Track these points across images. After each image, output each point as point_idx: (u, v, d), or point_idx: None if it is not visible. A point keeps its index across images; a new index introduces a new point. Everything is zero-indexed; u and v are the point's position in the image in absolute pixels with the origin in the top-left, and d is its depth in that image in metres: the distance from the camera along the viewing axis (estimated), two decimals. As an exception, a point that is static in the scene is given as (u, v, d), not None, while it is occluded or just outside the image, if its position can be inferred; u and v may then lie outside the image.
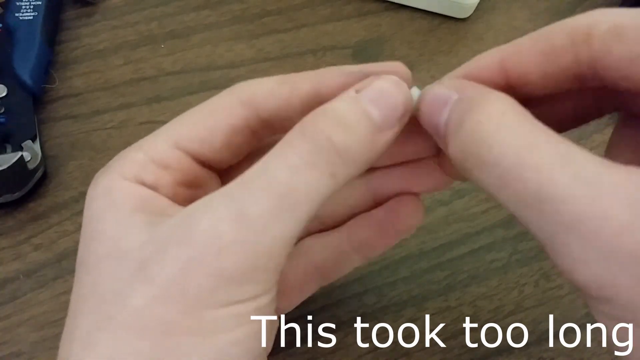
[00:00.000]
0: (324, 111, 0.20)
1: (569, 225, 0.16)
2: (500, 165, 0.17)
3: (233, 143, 0.23)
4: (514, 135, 0.18)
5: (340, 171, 0.19)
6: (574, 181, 0.16)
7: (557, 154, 0.17)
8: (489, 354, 0.31)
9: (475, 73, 0.21)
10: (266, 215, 0.19)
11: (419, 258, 0.33)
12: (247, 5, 0.42)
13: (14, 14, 0.37)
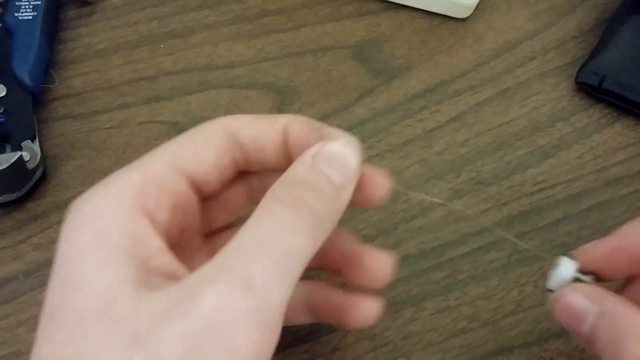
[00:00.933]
0: (294, 181, 0.22)
1: None
2: None
3: (220, 165, 0.24)
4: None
5: (318, 232, 0.21)
6: None
7: None
8: (489, 353, 0.31)
9: (628, 248, 0.24)
10: (271, 281, 0.19)
11: (419, 258, 0.33)
12: (246, 5, 0.42)
13: (14, 14, 0.37)
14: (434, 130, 0.38)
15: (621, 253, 0.24)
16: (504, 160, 0.37)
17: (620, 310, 0.22)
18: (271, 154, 0.24)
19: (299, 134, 0.24)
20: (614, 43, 0.39)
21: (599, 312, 0.23)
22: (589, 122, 0.38)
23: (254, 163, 0.25)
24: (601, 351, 0.22)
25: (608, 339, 0.22)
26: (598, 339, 0.22)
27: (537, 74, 0.40)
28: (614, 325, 0.22)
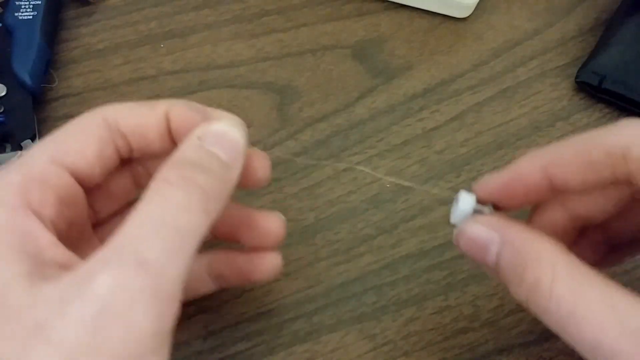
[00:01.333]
0: (181, 160, 0.22)
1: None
2: (558, 314, 0.21)
3: (103, 156, 0.24)
4: (567, 288, 0.21)
5: (210, 207, 0.22)
6: (622, 335, 0.19)
7: (604, 303, 0.20)
8: (489, 353, 0.31)
9: (521, 179, 0.24)
10: (163, 258, 0.20)
11: (419, 257, 0.33)
12: (246, 4, 0.42)
13: (14, 14, 0.37)
14: (434, 130, 0.38)
15: (515, 183, 0.24)
16: (504, 160, 0.37)
17: (521, 237, 0.23)
18: (154, 140, 0.25)
19: (181, 117, 0.24)
20: (613, 43, 0.39)
21: (501, 241, 0.23)
22: (589, 121, 0.38)
23: (138, 150, 0.25)
24: (506, 279, 0.23)
25: (510, 265, 0.23)
26: (502, 267, 0.23)
27: (537, 73, 0.40)
28: (515, 251, 0.23)
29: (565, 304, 0.21)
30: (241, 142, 0.24)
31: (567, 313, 0.21)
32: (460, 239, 0.25)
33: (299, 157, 0.36)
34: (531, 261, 0.22)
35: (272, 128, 0.37)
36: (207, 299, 0.32)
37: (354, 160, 0.36)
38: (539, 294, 0.22)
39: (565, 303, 0.21)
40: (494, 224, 0.24)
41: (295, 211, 0.35)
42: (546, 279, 0.21)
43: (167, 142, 0.25)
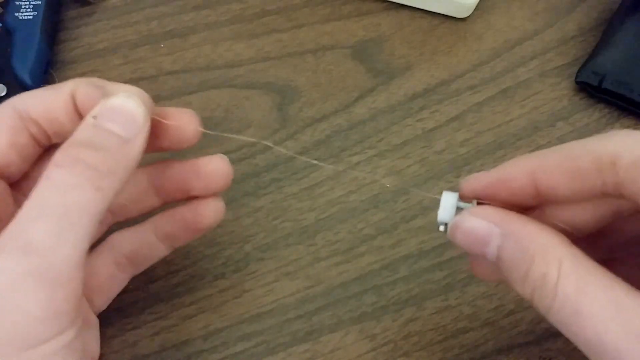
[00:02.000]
0: (72, 143, 0.22)
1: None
2: (563, 312, 0.20)
3: (18, 145, 0.24)
4: (572, 284, 0.20)
5: (104, 184, 0.22)
6: (626, 335, 0.19)
7: (608, 302, 0.20)
8: (489, 353, 0.31)
9: (507, 184, 0.24)
10: (49, 239, 0.20)
11: (419, 257, 0.33)
12: (246, 4, 0.42)
13: (14, 14, 0.37)
14: (434, 130, 0.38)
15: (501, 185, 0.24)
16: (504, 160, 0.36)
17: (525, 229, 0.22)
18: (65, 122, 0.25)
19: (85, 96, 0.24)
20: (614, 43, 0.39)
21: (503, 233, 0.22)
22: (589, 121, 0.38)
23: (54, 134, 0.25)
24: (508, 272, 0.22)
25: (514, 259, 0.22)
26: (504, 260, 0.22)
27: (537, 73, 0.40)
28: (519, 244, 0.22)
29: (570, 302, 0.20)
30: (139, 112, 0.23)
31: (571, 311, 0.20)
32: (457, 232, 0.24)
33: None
34: (537, 256, 0.21)
35: (272, 128, 0.37)
36: (207, 298, 0.32)
37: (354, 160, 0.36)
38: (545, 292, 0.21)
39: (570, 301, 0.20)
40: (493, 215, 0.23)
41: (295, 211, 0.35)
42: (552, 276, 0.21)
43: (77, 123, 0.25)
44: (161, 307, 0.32)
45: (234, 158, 0.36)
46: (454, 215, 0.24)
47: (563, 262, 0.21)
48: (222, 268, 0.33)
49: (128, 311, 0.32)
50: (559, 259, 0.21)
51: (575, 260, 0.21)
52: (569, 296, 0.20)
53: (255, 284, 0.32)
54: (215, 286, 0.32)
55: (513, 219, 0.23)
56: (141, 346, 0.31)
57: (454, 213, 0.25)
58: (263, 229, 0.34)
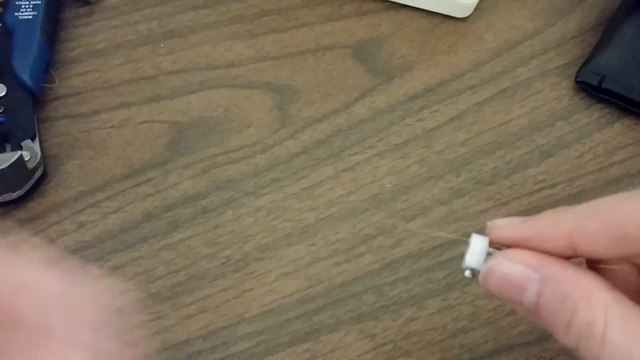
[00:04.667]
0: None
1: None
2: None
3: None
4: (621, 332, 0.19)
5: None
6: None
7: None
8: (489, 353, 0.31)
9: (542, 242, 0.22)
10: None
11: (419, 257, 0.33)
12: (246, 4, 0.42)
13: (14, 14, 0.37)
14: (434, 129, 0.38)
15: (535, 243, 0.22)
16: (504, 159, 0.37)
17: (565, 274, 0.21)
18: None
19: None
20: (614, 43, 0.39)
21: (541, 279, 0.21)
22: (589, 121, 0.38)
23: None
24: (548, 319, 0.21)
25: (554, 305, 0.21)
26: (543, 307, 0.21)
27: (537, 73, 0.40)
28: (559, 290, 0.21)
29: (620, 352, 0.19)
30: None
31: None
32: (490, 278, 0.22)
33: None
34: (580, 303, 0.20)
35: (272, 128, 0.37)
36: (207, 298, 0.32)
37: (354, 160, 0.36)
38: (592, 341, 0.20)
39: (620, 351, 0.19)
40: (530, 259, 0.22)
41: (295, 211, 0.35)
42: (599, 324, 0.20)
43: None
44: (161, 307, 0.32)
45: (234, 158, 0.36)
46: (483, 260, 0.23)
47: (609, 308, 0.20)
48: (222, 268, 0.33)
49: (128, 311, 0.32)
50: (604, 305, 0.20)
51: (621, 306, 0.20)
52: (618, 345, 0.19)
53: (255, 284, 0.32)
54: (215, 286, 0.32)
55: (551, 263, 0.22)
56: (141, 346, 0.31)
57: (483, 259, 0.23)
58: (263, 229, 0.34)
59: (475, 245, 0.23)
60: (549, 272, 0.21)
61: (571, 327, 0.20)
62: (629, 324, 0.19)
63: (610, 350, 0.19)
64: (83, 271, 0.21)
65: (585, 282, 0.21)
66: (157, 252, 0.33)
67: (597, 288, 0.20)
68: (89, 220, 0.34)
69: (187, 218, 0.34)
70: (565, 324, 0.21)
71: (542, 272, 0.21)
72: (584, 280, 0.21)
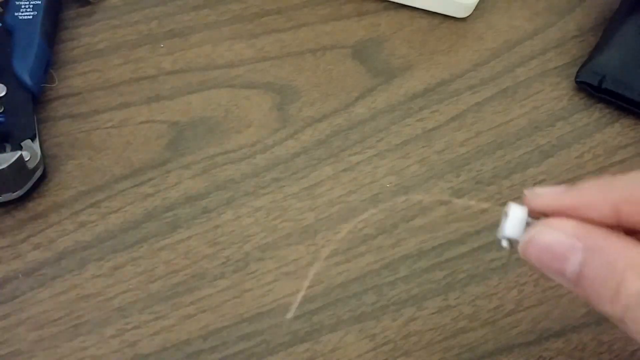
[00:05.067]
0: None
1: None
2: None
3: None
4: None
5: None
6: None
7: None
8: (489, 353, 0.31)
9: (586, 211, 0.22)
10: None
11: (419, 257, 0.33)
12: (246, 4, 0.42)
13: (14, 14, 0.37)
14: (434, 129, 0.38)
15: (579, 211, 0.22)
16: (504, 159, 0.37)
17: (611, 243, 0.21)
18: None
19: None
20: (614, 43, 0.39)
21: (586, 248, 0.21)
22: (589, 121, 0.38)
23: None
24: (593, 289, 0.21)
25: (601, 275, 0.20)
26: (587, 277, 0.21)
27: (537, 73, 0.40)
28: (606, 259, 0.20)
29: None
30: None
31: None
32: (531, 248, 0.22)
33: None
34: (628, 272, 0.20)
35: (272, 128, 0.37)
36: (207, 298, 0.32)
37: (354, 160, 0.36)
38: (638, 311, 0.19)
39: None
40: (573, 228, 0.21)
41: (295, 211, 0.35)
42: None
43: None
44: (161, 307, 0.32)
45: (234, 158, 0.36)
46: (523, 230, 0.23)
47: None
48: (222, 268, 0.33)
49: (128, 311, 0.32)
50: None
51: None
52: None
53: (255, 284, 0.32)
54: (215, 286, 0.32)
55: (596, 232, 0.21)
56: (141, 346, 0.31)
57: (523, 228, 0.23)
58: (263, 229, 0.34)
59: (515, 214, 0.23)
60: (593, 241, 0.21)
61: (618, 296, 0.20)
62: None
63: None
64: None
65: (633, 251, 0.20)
66: (157, 252, 0.33)
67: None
68: (89, 220, 0.34)
69: (187, 218, 0.34)
70: (612, 292, 0.20)
71: (586, 241, 0.21)
72: (631, 249, 0.20)
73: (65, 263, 0.33)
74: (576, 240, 0.21)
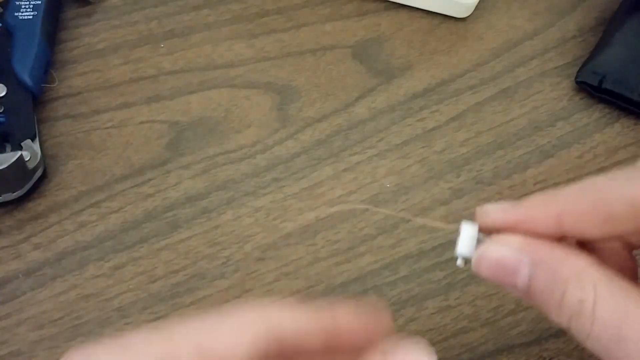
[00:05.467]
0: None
1: None
2: (604, 337, 0.19)
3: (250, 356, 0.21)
4: (610, 309, 0.20)
5: None
6: None
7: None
8: (489, 353, 0.31)
9: (531, 224, 0.22)
10: None
11: (419, 257, 0.33)
12: (246, 4, 0.42)
13: (14, 14, 0.37)
14: (434, 129, 0.38)
15: (525, 225, 0.22)
16: (504, 159, 0.37)
17: (555, 255, 0.21)
18: (312, 346, 0.22)
19: (352, 330, 0.22)
20: (613, 43, 0.39)
21: (532, 261, 0.21)
22: (589, 121, 0.38)
23: None
24: (541, 301, 0.21)
25: (547, 287, 0.21)
26: (536, 289, 0.21)
27: (537, 73, 0.40)
28: (550, 271, 0.21)
29: (610, 327, 0.19)
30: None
31: (613, 337, 0.19)
32: (482, 264, 0.22)
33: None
34: (570, 281, 0.20)
35: (272, 128, 0.37)
36: (207, 298, 0.32)
37: (354, 160, 0.36)
38: (582, 318, 0.20)
39: (610, 326, 0.19)
40: (520, 243, 0.22)
41: (295, 211, 0.35)
42: (589, 301, 0.20)
43: None
44: (161, 307, 0.32)
45: (234, 158, 0.36)
46: (474, 247, 0.23)
47: (598, 285, 0.20)
48: (222, 268, 0.33)
49: (128, 311, 0.32)
50: (594, 283, 0.20)
51: (610, 282, 0.20)
52: (608, 320, 0.19)
53: (255, 284, 0.32)
54: (215, 286, 0.32)
55: (540, 245, 0.22)
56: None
57: (474, 246, 0.23)
58: (263, 229, 0.34)
59: (465, 233, 0.23)
60: (538, 254, 0.22)
61: (563, 306, 0.21)
62: (617, 300, 0.20)
63: (600, 325, 0.20)
64: None
65: (574, 261, 0.21)
66: (157, 252, 0.33)
67: (586, 266, 0.21)
68: (89, 220, 0.34)
69: (187, 218, 0.34)
70: (557, 303, 0.21)
71: (532, 254, 0.22)
72: (573, 260, 0.21)
73: (65, 263, 0.33)
74: (523, 255, 0.22)
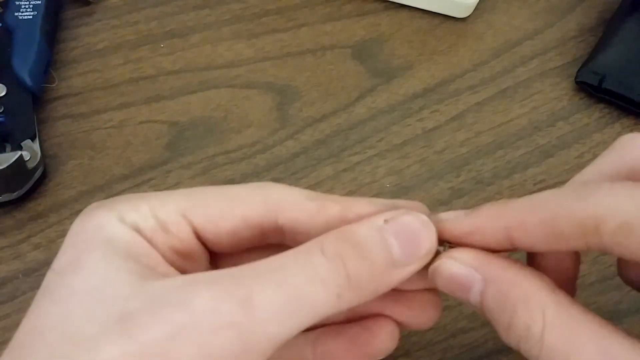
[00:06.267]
0: (347, 233, 0.21)
1: None
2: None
3: (239, 235, 0.22)
4: (558, 335, 0.19)
5: (345, 294, 0.20)
6: None
7: (598, 353, 0.19)
8: (489, 353, 0.31)
9: (481, 236, 0.22)
10: (270, 310, 0.19)
11: (419, 257, 0.33)
12: (246, 4, 0.42)
13: (14, 14, 0.37)
14: (434, 129, 0.38)
15: (474, 237, 0.22)
16: (504, 159, 0.37)
17: (506, 275, 0.21)
18: (307, 237, 0.22)
19: None
20: (614, 43, 0.39)
21: (483, 279, 0.21)
22: (589, 121, 0.38)
23: (292, 242, 0.23)
24: (493, 319, 0.21)
25: (496, 307, 0.21)
26: (487, 307, 0.21)
27: (537, 73, 0.40)
28: (500, 293, 0.21)
29: (558, 355, 0.19)
30: (426, 244, 0.21)
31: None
32: (437, 278, 0.22)
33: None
34: (519, 305, 0.20)
35: (272, 128, 0.37)
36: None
37: (354, 160, 0.36)
38: (530, 343, 0.20)
39: (558, 354, 0.19)
40: (472, 259, 0.22)
41: (295, 211, 0.35)
42: (537, 327, 0.20)
43: None
44: (161, 307, 0.32)
45: (234, 158, 0.36)
46: None
47: (547, 310, 0.20)
48: (222, 268, 0.33)
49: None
50: (542, 308, 0.20)
51: (560, 308, 0.20)
52: (556, 348, 0.19)
53: None
54: (215, 286, 0.32)
55: (493, 264, 0.21)
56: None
57: None
58: (263, 228, 0.34)
59: None
60: (490, 273, 0.21)
61: (511, 328, 0.20)
62: (567, 326, 0.19)
63: (549, 352, 0.19)
64: None
65: (525, 284, 0.21)
66: (157, 252, 0.33)
67: (536, 290, 0.20)
68: (89, 220, 0.34)
69: (187, 218, 0.34)
70: (506, 325, 0.21)
71: (483, 272, 0.21)
72: (524, 282, 0.21)
73: (65, 263, 0.33)
74: (475, 272, 0.21)
